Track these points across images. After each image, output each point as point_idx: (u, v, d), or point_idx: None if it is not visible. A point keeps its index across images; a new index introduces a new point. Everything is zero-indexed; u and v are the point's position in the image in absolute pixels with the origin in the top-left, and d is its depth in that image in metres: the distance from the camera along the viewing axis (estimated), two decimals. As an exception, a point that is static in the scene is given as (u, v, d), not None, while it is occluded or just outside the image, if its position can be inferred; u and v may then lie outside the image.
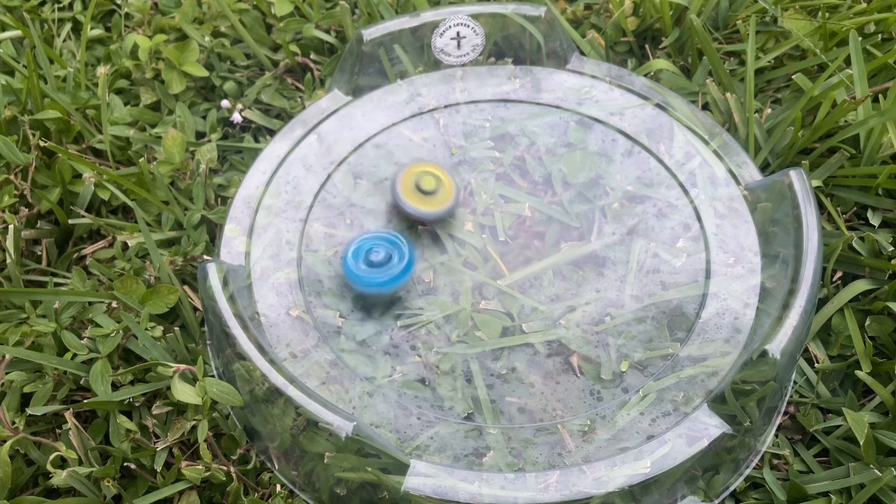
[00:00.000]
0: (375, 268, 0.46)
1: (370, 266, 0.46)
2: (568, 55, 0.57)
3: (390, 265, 0.46)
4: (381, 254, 0.46)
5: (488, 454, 0.42)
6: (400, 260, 0.46)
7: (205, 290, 0.45)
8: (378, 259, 0.46)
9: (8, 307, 0.49)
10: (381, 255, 0.46)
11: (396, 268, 0.46)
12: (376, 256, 0.46)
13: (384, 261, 0.46)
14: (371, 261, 0.46)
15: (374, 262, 0.46)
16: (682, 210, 0.50)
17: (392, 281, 0.46)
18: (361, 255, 0.46)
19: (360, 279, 0.46)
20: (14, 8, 0.66)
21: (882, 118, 0.52)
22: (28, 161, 0.54)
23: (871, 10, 0.60)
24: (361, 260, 0.46)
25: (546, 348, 0.46)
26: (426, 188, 0.49)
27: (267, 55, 0.62)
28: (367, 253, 0.46)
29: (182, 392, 0.42)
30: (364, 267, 0.46)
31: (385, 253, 0.46)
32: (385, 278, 0.46)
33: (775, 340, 0.41)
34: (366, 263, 0.46)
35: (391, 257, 0.46)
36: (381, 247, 0.47)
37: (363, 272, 0.46)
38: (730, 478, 0.44)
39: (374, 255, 0.46)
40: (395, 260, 0.46)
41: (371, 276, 0.46)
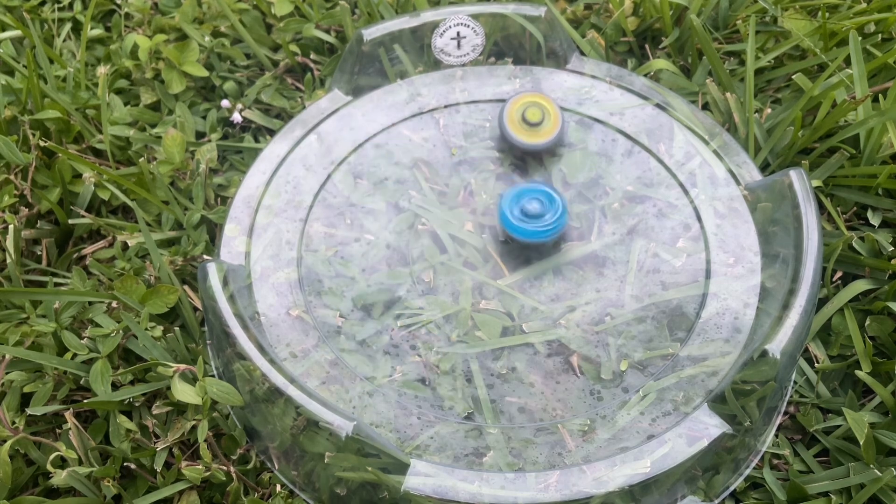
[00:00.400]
0: (532, 218, 0.48)
1: (526, 217, 0.48)
2: (568, 55, 0.57)
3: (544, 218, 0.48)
4: (536, 206, 0.48)
5: (488, 454, 0.42)
6: (553, 214, 0.48)
7: (205, 289, 0.45)
8: (534, 210, 0.48)
9: (8, 307, 0.49)
10: (536, 207, 0.48)
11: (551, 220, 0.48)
12: (533, 208, 0.48)
13: (540, 213, 0.48)
14: (527, 211, 0.48)
15: (530, 212, 0.48)
16: (682, 210, 0.50)
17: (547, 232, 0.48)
18: (518, 205, 0.49)
19: (519, 230, 0.48)
20: (14, 8, 0.66)
21: (882, 118, 0.52)
22: (28, 161, 0.54)
23: (871, 10, 0.60)
24: (518, 210, 0.49)
25: (546, 348, 0.46)
26: (531, 119, 0.51)
27: (267, 55, 0.62)
28: (524, 203, 0.49)
29: (182, 392, 0.42)
30: (519, 216, 0.48)
31: (539, 205, 0.48)
32: (542, 228, 0.48)
33: (775, 340, 0.41)
34: (522, 214, 0.48)
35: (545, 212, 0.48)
36: (535, 199, 0.49)
37: (519, 222, 0.48)
38: (730, 478, 0.44)
39: (530, 205, 0.48)
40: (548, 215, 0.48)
41: (528, 226, 0.48)
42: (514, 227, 0.48)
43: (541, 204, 0.48)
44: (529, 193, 0.49)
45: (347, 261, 0.49)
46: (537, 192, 0.49)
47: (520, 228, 0.48)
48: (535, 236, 0.48)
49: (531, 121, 0.51)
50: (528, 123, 0.51)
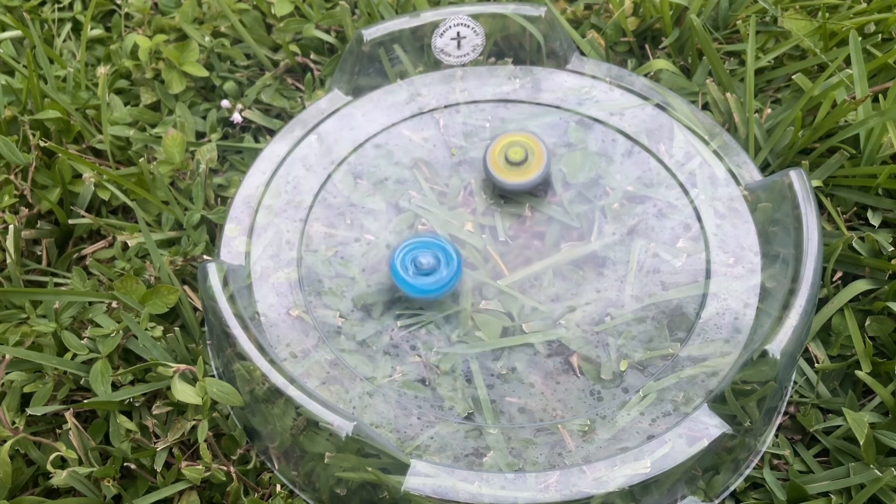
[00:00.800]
0: (423, 275, 0.46)
1: (419, 272, 0.46)
2: (568, 55, 0.57)
3: (439, 273, 0.46)
4: (430, 260, 0.46)
5: (488, 454, 0.42)
6: (448, 265, 0.47)
7: (205, 290, 0.45)
8: (427, 265, 0.46)
9: (8, 307, 0.49)
10: (430, 262, 0.46)
11: (445, 275, 0.46)
12: (426, 263, 0.46)
13: (433, 268, 0.46)
14: (420, 267, 0.46)
15: (422, 268, 0.46)
16: (682, 210, 0.50)
17: (441, 288, 0.46)
18: (409, 262, 0.47)
19: (411, 287, 0.46)
20: (14, 8, 0.66)
21: (882, 118, 0.52)
22: (28, 161, 0.54)
23: (871, 10, 0.60)
24: (410, 266, 0.47)
25: (546, 348, 0.46)
26: (514, 158, 0.50)
27: (267, 55, 0.62)
28: (415, 259, 0.47)
29: (182, 392, 0.42)
30: (413, 274, 0.46)
31: (434, 259, 0.47)
32: (435, 286, 0.46)
33: (775, 340, 0.41)
34: (415, 269, 0.46)
35: (439, 264, 0.47)
36: (428, 252, 0.47)
37: (412, 279, 0.46)
38: (730, 478, 0.44)
39: (422, 260, 0.46)
40: (442, 267, 0.47)
41: (421, 283, 0.46)
42: (405, 282, 0.46)
43: (435, 259, 0.47)
44: (423, 247, 0.47)
45: (347, 261, 0.49)
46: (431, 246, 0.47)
47: (411, 285, 0.46)
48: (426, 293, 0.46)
49: (513, 160, 0.50)
50: (511, 163, 0.50)
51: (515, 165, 0.50)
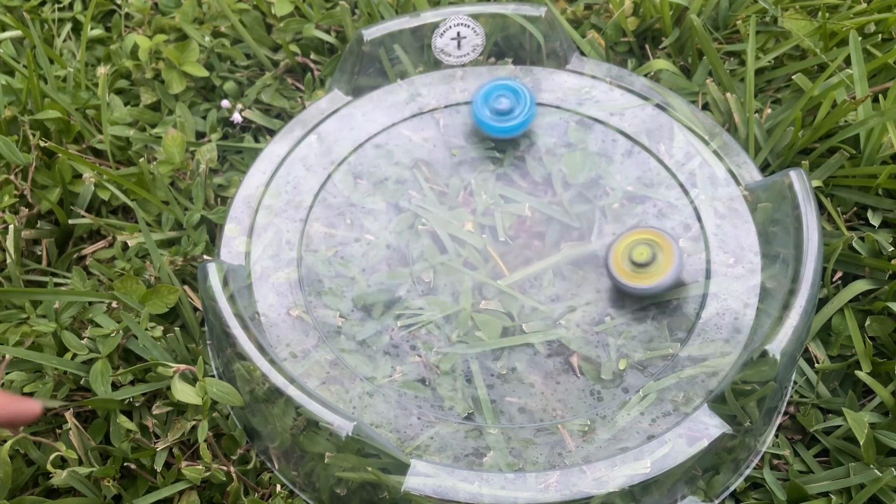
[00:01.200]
0: (500, 115, 0.52)
1: (496, 113, 0.52)
2: (568, 55, 0.57)
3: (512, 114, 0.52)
4: (505, 102, 0.52)
5: (488, 454, 0.42)
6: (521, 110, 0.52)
7: (205, 290, 0.45)
8: (502, 107, 0.52)
9: (8, 307, 0.49)
10: (505, 104, 0.52)
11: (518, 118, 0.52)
12: (502, 105, 0.52)
13: (508, 109, 0.52)
14: (496, 108, 0.52)
15: (498, 109, 0.52)
16: (682, 210, 0.50)
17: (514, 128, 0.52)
18: (489, 102, 0.52)
19: (489, 126, 0.52)
20: (14, 8, 0.66)
21: (882, 118, 0.52)
22: (28, 161, 0.54)
23: (871, 10, 0.60)
24: (488, 107, 0.52)
25: (546, 348, 0.46)
26: (638, 260, 0.45)
27: (267, 55, 0.62)
28: (493, 100, 0.52)
29: (182, 392, 0.42)
30: (489, 114, 0.52)
31: (508, 102, 0.52)
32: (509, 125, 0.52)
33: (775, 340, 0.41)
34: (491, 111, 0.52)
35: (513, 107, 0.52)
36: (505, 95, 0.52)
37: (489, 119, 0.52)
38: (730, 478, 0.44)
39: (499, 103, 0.52)
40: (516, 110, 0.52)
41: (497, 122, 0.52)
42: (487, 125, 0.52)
43: (509, 100, 0.52)
44: (498, 90, 0.53)
45: (347, 261, 0.49)
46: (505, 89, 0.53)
47: (493, 126, 0.52)
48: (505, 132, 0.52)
49: (638, 261, 0.45)
50: (636, 264, 0.45)
51: (641, 267, 0.45)
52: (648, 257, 0.45)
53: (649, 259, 0.45)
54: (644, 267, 0.45)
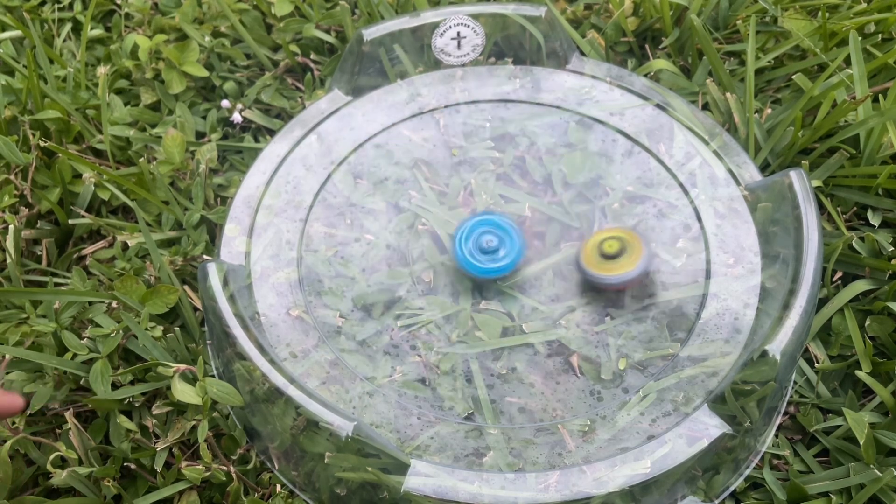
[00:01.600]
0: (487, 254, 0.47)
1: (482, 252, 0.47)
2: (568, 55, 0.57)
3: (499, 254, 0.47)
4: (493, 241, 0.47)
5: (488, 454, 0.42)
6: (511, 249, 0.47)
7: (205, 290, 0.45)
8: (490, 246, 0.47)
9: (8, 307, 0.49)
10: (493, 243, 0.47)
11: (507, 257, 0.47)
12: (488, 244, 0.47)
13: (495, 248, 0.47)
14: (483, 248, 0.47)
15: (485, 249, 0.47)
16: (682, 210, 0.50)
17: (503, 269, 0.47)
18: (472, 240, 0.47)
19: (473, 266, 0.47)
20: (14, 8, 0.66)
21: (882, 118, 0.52)
22: (28, 161, 0.54)
23: (871, 10, 0.60)
24: (472, 245, 0.47)
25: (546, 348, 0.46)
26: (609, 251, 0.46)
27: (267, 55, 0.62)
28: (479, 239, 0.47)
29: (182, 392, 0.42)
30: (476, 253, 0.47)
31: (497, 240, 0.47)
32: (496, 266, 0.47)
33: (775, 340, 0.41)
34: (478, 250, 0.47)
35: (501, 245, 0.47)
36: (492, 234, 0.47)
37: (474, 259, 0.47)
38: (730, 478, 0.44)
39: (485, 242, 0.47)
40: (504, 249, 0.47)
41: (483, 263, 0.47)
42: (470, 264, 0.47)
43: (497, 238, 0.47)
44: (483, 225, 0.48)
45: (347, 261, 0.49)
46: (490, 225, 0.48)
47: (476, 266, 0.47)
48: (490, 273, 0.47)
49: (608, 253, 0.46)
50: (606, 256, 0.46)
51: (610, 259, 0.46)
52: (619, 248, 0.46)
53: (619, 250, 0.46)
54: (614, 259, 0.46)
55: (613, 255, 0.46)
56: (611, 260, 0.46)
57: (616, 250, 0.46)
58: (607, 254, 0.46)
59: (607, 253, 0.46)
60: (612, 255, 0.46)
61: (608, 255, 0.46)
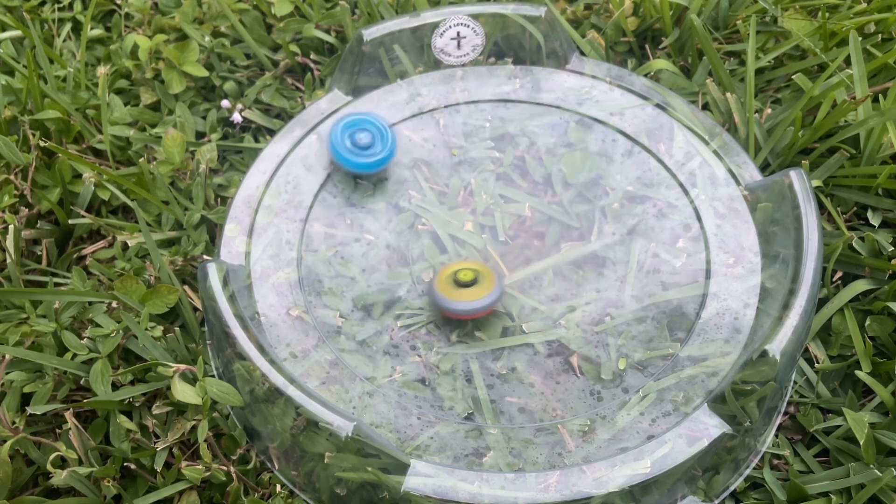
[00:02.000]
0: (361, 149, 0.50)
1: (357, 147, 0.50)
2: (568, 55, 0.57)
3: (373, 149, 0.50)
4: (365, 138, 0.50)
5: (488, 454, 0.42)
6: (383, 147, 0.50)
7: (205, 290, 0.45)
8: (364, 142, 0.49)
9: (8, 307, 0.49)
10: (365, 139, 0.49)
11: (379, 154, 0.50)
12: (362, 140, 0.49)
13: (369, 144, 0.50)
14: (357, 143, 0.49)
15: (360, 144, 0.49)
16: (682, 210, 0.50)
17: (375, 165, 0.50)
18: (348, 135, 0.50)
19: (347, 160, 0.50)
20: (14, 8, 0.66)
21: (882, 118, 0.52)
22: (28, 161, 0.54)
23: (871, 10, 0.60)
24: (348, 139, 0.50)
25: (546, 348, 0.46)
26: (463, 280, 0.46)
27: (267, 55, 0.62)
28: (353, 134, 0.50)
29: (182, 392, 0.42)
30: (350, 146, 0.50)
31: (370, 136, 0.50)
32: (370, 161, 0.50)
33: (775, 340, 0.41)
34: (353, 144, 0.50)
35: (374, 142, 0.50)
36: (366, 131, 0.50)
37: (349, 152, 0.50)
38: (730, 478, 0.44)
39: (360, 137, 0.49)
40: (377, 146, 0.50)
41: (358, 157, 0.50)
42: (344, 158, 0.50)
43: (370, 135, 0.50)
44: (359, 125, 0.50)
45: (347, 261, 0.49)
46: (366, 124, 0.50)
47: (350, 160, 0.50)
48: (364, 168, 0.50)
49: (463, 281, 0.46)
50: (460, 284, 0.46)
51: (465, 287, 0.46)
52: (473, 277, 0.46)
53: (473, 279, 0.46)
54: (469, 287, 0.46)
55: (468, 283, 0.46)
56: (464, 288, 0.46)
57: (471, 278, 0.46)
58: (461, 282, 0.46)
59: (462, 281, 0.46)
60: (466, 283, 0.46)
61: (462, 283, 0.46)
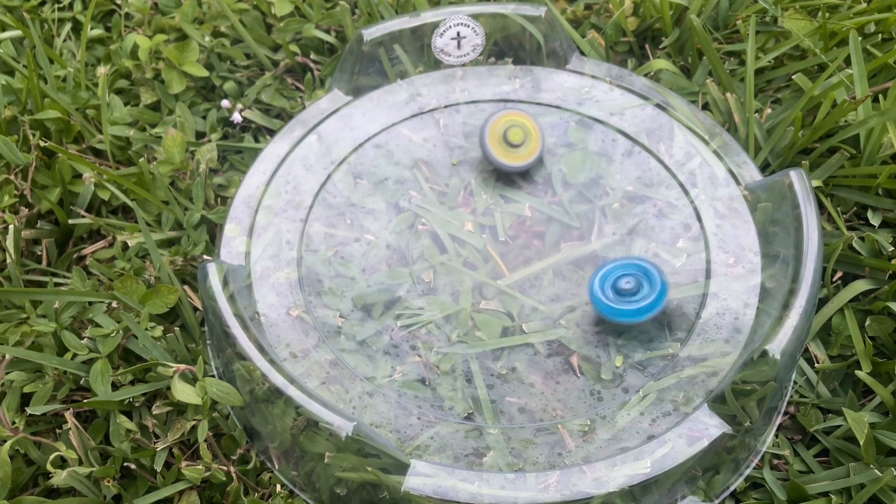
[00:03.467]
0: (625, 297, 0.44)
1: (619, 294, 0.44)
2: (568, 55, 0.57)
3: (640, 295, 0.44)
4: (631, 283, 0.43)
5: (488, 454, 0.42)
6: (651, 290, 0.44)
7: (205, 290, 0.45)
8: (629, 288, 0.43)
9: (8, 307, 0.49)
10: (631, 285, 0.43)
11: (648, 298, 0.44)
12: (626, 285, 0.43)
13: (634, 290, 0.43)
14: (620, 289, 0.43)
15: (623, 290, 0.43)
16: (683, 210, 0.50)
17: (644, 311, 0.44)
18: (609, 282, 0.44)
19: (610, 309, 0.44)
20: (14, 8, 0.66)
21: (882, 118, 0.52)
22: (28, 161, 0.54)
23: (871, 10, 0.60)
24: (609, 287, 0.44)
25: (546, 348, 0.46)
26: (513, 140, 0.50)
27: (267, 55, 0.62)
28: (616, 281, 0.44)
29: (182, 392, 0.42)
30: (613, 295, 0.44)
31: (635, 282, 0.43)
32: (636, 307, 0.44)
33: (775, 340, 0.41)
34: (614, 292, 0.44)
35: (641, 286, 0.43)
36: (631, 276, 0.44)
37: (612, 301, 0.44)
38: (730, 478, 0.44)
39: (624, 283, 0.43)
40: (645, 290, 0.44)
41: (621, 306, 0.44)
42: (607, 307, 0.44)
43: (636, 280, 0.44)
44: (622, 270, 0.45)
45: (347, 261, 0.49)
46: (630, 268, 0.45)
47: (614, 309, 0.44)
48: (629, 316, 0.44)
49: (512, 142, 0.50)
50: (510, 144, 0.51)
51: (514, 147, 0.51)
52: (522, 138, 0.50)
53: (522, 140, 0.51)
54: (517, 147, 0.50)
55: (517, 144, 0.50)
56: (514, 148, 0.50)
57: (520, 139, 0.50)
58: (512, 142, 0.50)
59: (512, 142, 0.50)
60: (516, 143, 0.50)
61: (513, 143, 0.50)
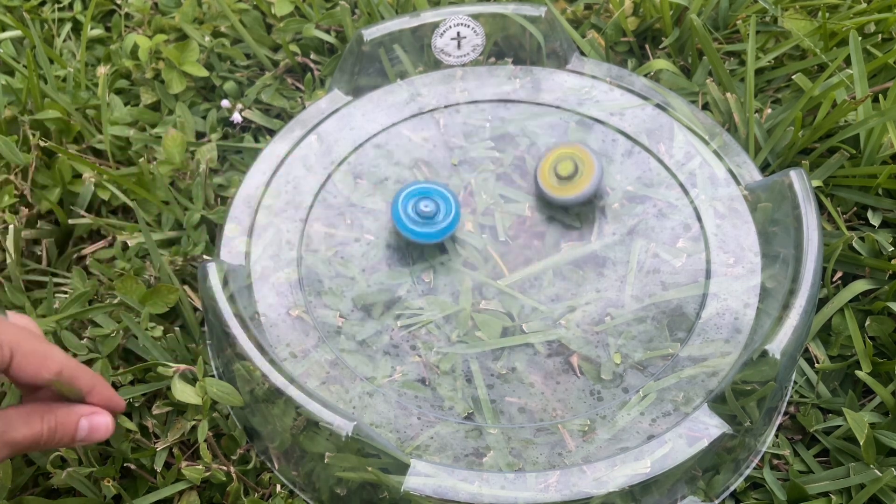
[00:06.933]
0: (425, 219, 0.48)
1: (420, 216, 0.48)
2: (568, 55, 0.57)
3: (437, 219, 0.48)
4: (430, 206, 0.48)
5: (488, 454, 0.42)
6: (447, 214, 0.48)
7: (205, 290, 0.45)
8: (428, 211, 0.48)
9: (8, 307, 0.49)
10: (430, 208, 0.48)
11: (445, 221, 0.48)
12: (426, 208, 0.48)
13: (433, 213, 0.48)
14: (420, 211, 0.48)
15: (423, 213, 0.48)
16: (683, 210, 0.50)
17: (443, 233, 0.49)
18: (411, 204, 0.49)
19: (411, 231, 0.48)
20: (14, 8, 0.66)
21: (882, 118, 0.52)
22: (28, 161, 0.54)
23: (871, 10, 0.60)
24: (412, 209, 0.48)
25: (546, 348, 0.46)
26: (563, 174, 0.50)
27: (267, 55, 0.62)
28: (417, 203, 0.48)
29: (182, 392, 0.42)
30: (415, 216, 0.48)
31: (434, 205, 0.48)
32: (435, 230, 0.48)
33: (775, 340, 0.41)
34: (416, 214, 0.48)
35: (439, 209, 0.48)
36: (430, 199, 0.49)
37: (412, 223, 0.48)
38: (730, 478, 0.44)
39: (423, 206, 0.48)
40: (441, 214, 0.48)
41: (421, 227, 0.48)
42: (407, 228, 0.48)
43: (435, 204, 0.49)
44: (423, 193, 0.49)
45: (347, 261, 0.49)
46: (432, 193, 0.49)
47: (413, 231, 0.48)
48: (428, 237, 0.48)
49: (562, 175, 0.50)
50: (560, 177, 0.50)
51: (564, 179, 0.50)
52: (573, 170, 0.49)
53: (573, 171, 0.50)
54: (568, 179, 0.49)
55: (567, 177, 0.50)
56: (566, 180, 0.50)
57: (570, 171, 0.50)
58: (562, 175, 0.50)
59: (562, 175, 0.50)
60: (566, 176, 0.50)
61: (563, 176, 0.50)
